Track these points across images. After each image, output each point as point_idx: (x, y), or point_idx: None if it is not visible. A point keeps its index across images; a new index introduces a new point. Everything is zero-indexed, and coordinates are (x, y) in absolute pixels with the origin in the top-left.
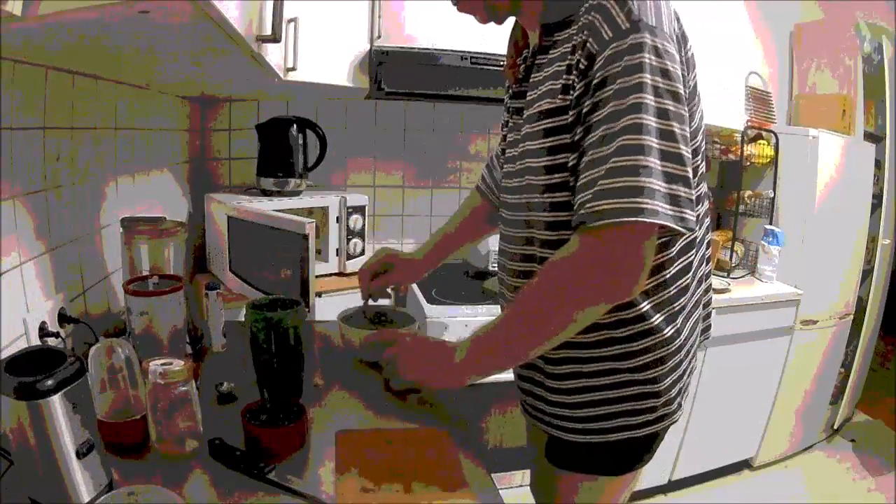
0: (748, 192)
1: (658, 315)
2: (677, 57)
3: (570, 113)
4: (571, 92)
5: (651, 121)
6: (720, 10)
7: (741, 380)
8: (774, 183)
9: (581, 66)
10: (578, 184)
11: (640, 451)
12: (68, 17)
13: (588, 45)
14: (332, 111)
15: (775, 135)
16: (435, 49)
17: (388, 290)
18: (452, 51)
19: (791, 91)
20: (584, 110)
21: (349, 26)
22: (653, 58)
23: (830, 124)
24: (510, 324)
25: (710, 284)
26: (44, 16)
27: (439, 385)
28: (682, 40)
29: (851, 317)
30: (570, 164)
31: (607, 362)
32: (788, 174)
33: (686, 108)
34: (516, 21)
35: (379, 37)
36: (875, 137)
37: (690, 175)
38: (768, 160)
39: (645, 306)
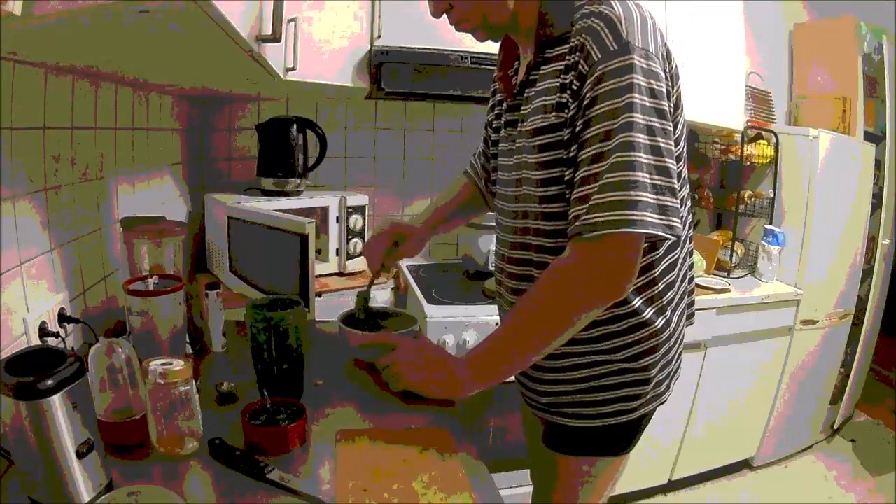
0: (748, 192)
1: (649, 309)
2: (662, 75)
3: (566, 131)
4: (566, 111)
5: (640, 138)
6: (720, 10)
7: (741, 380)
8: (774, 183)
9: (574, 87)
10: (573, 197)
11: (633, 431)
12: (68, 16)
13: (579, 66)
14: (332, 111)
15: (775, 135)
16: (435, 49)
17: (394, 267)
18: (452, 51)
19: (791, 91)
20: (577, 129)
21: (349, 26)
22: (641, 78)
23: (830, 124)
24: (510, 335)
25: (693, 276)
26: (43, 16)
27: (440, 395)
28: (668, 58)
29: (851, 317)
30: (567, 177)
31: (605, 355)
32: (788, 174)
33: (671, 123)
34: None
35: (379, 37)
36: (875, 137)
37: (677, 186)
38: (768, 160)
39: (637, 302)
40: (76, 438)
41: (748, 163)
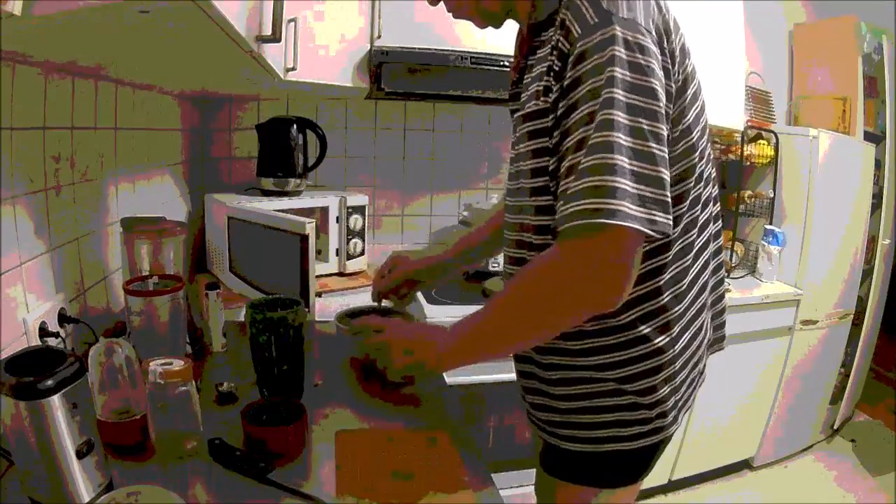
0: (748, 192)
1: (648, 324)
2: (653, 50)
3: (550, 117)
4: (550, 94)
5: (620, 116)
6: (720, 10)
7: (741, 380)
8: (774, 183)
9: (556, 68)
10: (559, 191)
11: (634, 464)
12: (68, 16)
13: (560, 44)
14: (332, 111)
15: (775, 135)
16: (435, 49)
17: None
18: (452, 51)
19: (791, 91)
20: (559, 112)
21: (349, 26)
22: (622, 51)
23: (830, 124)
24: (487, 329)
25: (724, 293)
26: (43, 16)
27: (429, 367)
28: (666, 32)
29: (851, 317)
30: (551, 167)
31: (595, 371)
32: (788, 174)
33: (660, 104)
34: None
35: (379, 37)
36: (875, 137)
37: (665, 175)
38: (768, 160)
39: (633, 315)
40: (76, 438)
41: (748, 163)
